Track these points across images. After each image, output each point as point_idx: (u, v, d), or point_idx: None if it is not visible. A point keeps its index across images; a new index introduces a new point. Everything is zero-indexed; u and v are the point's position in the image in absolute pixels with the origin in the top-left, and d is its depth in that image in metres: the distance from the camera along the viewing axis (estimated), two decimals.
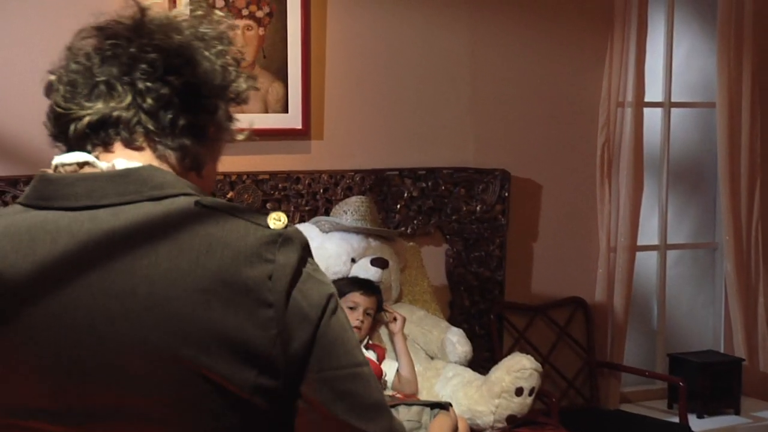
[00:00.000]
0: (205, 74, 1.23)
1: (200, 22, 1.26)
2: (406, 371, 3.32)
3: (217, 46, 1.25)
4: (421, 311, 3.62)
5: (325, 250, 3.40)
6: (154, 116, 1.20)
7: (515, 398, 3.19)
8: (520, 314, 4.33)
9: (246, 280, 1.11)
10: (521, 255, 4.34)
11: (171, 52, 1.21)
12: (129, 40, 1.22)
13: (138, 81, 1.19)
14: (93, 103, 1.20)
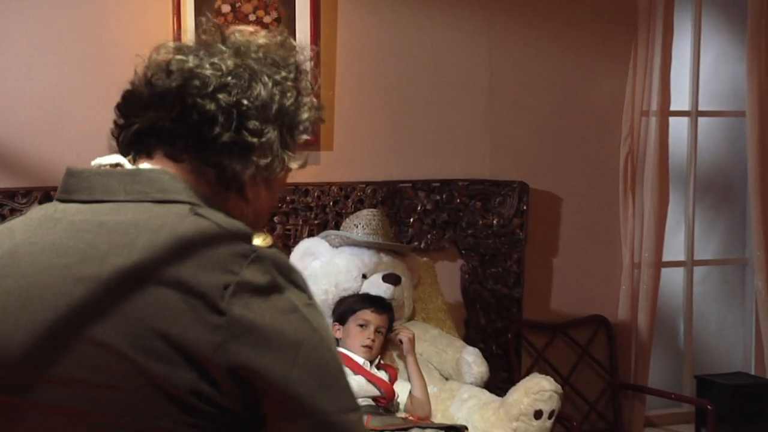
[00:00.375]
0: (258, 98, 1.33)
1: (273, 47, 1.38)
2: (419, 393, 3.33)
3: (281, 73, 1.36)
4: (435, 330, 3.63)
5: (335, 266, 3.42)
6: (196, 131, 1.31)
7: (534, 422, 3.20)
8: (539, 333, 4.33)
9: (200, 285, 1.18)
10: (540, 271, 4.35)
11: (228, 72, 1.32)
12: (196, 56, 1.34)
13: (188, 96, 1.31)
14: (145, 112, 1.33)
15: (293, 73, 1.38)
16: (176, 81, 1.32)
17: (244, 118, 1.32)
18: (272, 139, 1.34)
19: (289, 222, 3.77)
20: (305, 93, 1.39)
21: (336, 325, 3.35)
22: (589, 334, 4.44)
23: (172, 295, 1.18)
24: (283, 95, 1.35)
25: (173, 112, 1.31)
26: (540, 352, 4.31)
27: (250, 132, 1.32)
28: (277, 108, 1.34)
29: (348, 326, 3.31)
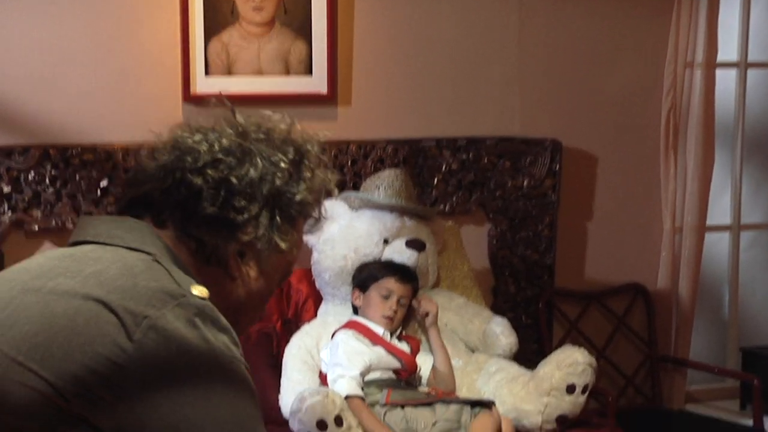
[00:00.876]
0: (247, 176, 1.46)
1: (278, 130, 1.53)
2: (442, 366, 3.34)
3: (277, 154, 1.49)
4: (460, 298, 3.64)
5: (354, 230, 3.43)
6: (182, 203, 1.45)
7: (566, 397, 3.21)
8: (572, 302, 4.33)
9: (122, 308, 1.31)
10: (574, 236, 4.34)
11: (222, 149, 1.48)
12: (200, 133, 1.50)
13: (179, 169, 1.46)
14: (143, 185, 1.50)
15: (292, 155, 1.51)
16: (173, 156, 1.48)
17: (231, 194, 1.45)
18: (259, 218, 1.45)
19: None
20: (303, 176, 1.51)
21: (356, 291, 3.36)
22: (626, 304, 4.44)
23: (94, 307, 1.31)
24: (275, 176, 1.47)
25: (164, 184, 1.46)
26: (573, 322, 4.32)
27: (236, 209, 1.44)
28: (268, 188, 1.47)
29: (369, 294, 3.32)
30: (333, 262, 3.42)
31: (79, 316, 1.30)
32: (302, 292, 3.66)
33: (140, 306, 1.31)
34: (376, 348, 3.21)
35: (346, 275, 3.41)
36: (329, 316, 3.46)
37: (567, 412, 3.24)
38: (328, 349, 3.24)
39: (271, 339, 3.51)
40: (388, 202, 3.45)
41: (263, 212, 1.46)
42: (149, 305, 1.31)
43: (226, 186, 1.45)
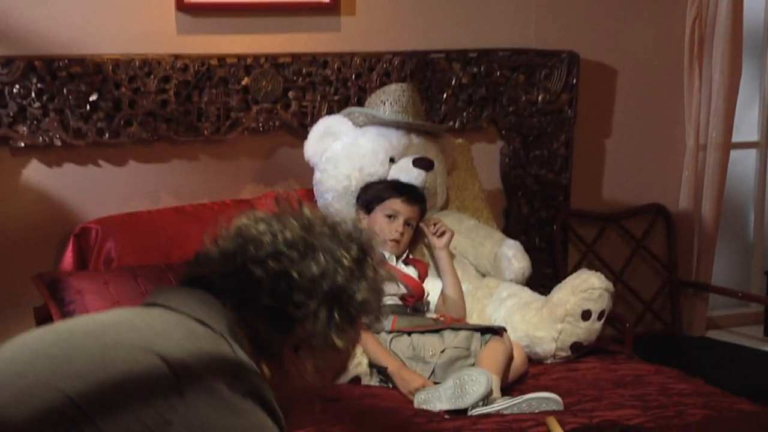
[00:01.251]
0: (308, 271, 1.52)
1: (344, 227, 1.59)
2: (452, 291, 3.36)
3: (341, 251, 1.55)
4: (471, 220, 3.64)
5: (359, 148, 3.42)
6: (241, 292, 1.52)
7: (581, 323, 3.23)
8: (588, 224, 4.34)
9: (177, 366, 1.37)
10: (591, 154, 4.33)
11: (285, 242, 1.54)
12: (265, 223, 1.57)
13: (241, 258, 1.54)
14: (203, 268, 1.57)
15: (355, 252, 1.57)
16: (237, 243, 1.56)
17: (290, 288, 1.51)
18: (317, 315, 1.52)
19: (306, 98, 3.75)
20: (365, 274, 1.57)
21: (360, 213, 3.36)
22: (646, 226, 4.44)
23: (152, 360, 1.36)
24: (337, 273, 1.53)
25: (225, 270, 1.54)
26: (589, 245, 4.33)
27: (294, 304, 1.51)
28: (329, 285, 1.53)
29: (374, 216, 3.32)
30: (336, 182, 3.42)
31: (136, 366, 1.36)
32: None
33: (198, 367, 1.37)
34: None
35: (350, 196, 3.41)
36: None
37: (582, 339, 3.26)
38: None
39: None
40: (395, 118, 3.44)
41: (322, 309, 1.52)
42: (207, 369, 1.37)
43: (286, 279, 1.52)
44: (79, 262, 3.40)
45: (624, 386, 2.99)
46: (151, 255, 3.42)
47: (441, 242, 3.38)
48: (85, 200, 3.55)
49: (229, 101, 3.65)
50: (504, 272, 3.48)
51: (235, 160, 3.74)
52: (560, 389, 2.97)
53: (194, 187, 3.68)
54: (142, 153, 3.61)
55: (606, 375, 3.12)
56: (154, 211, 3.55)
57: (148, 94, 3.53)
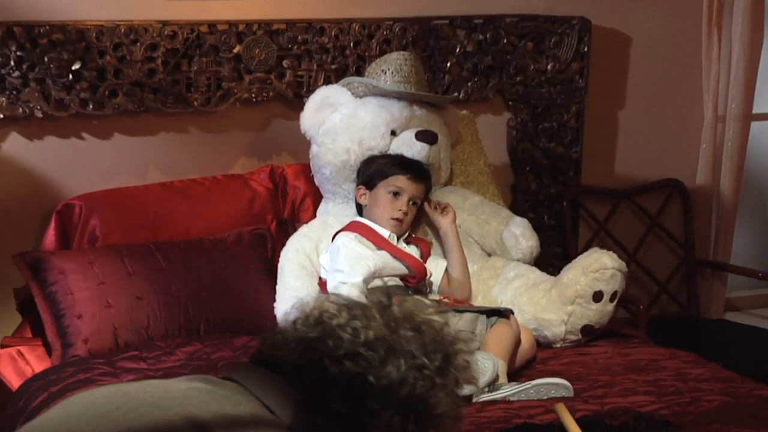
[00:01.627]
0: (387, 377, 1.50)
1: (430, 330, 1.55)
2: (457, 271, 3.36)
3: (423, 359, 1.52)
4: (476, 197, 3.64)
5: (358, 120, 3.41)
6: (312, 387, 1.50)
7: (592, 305, 3.23)
8: (600, 200, 4.34)
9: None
10: (603, 126, 4.33)
11: (366, 342, 1.52)
12: (348, 314, 1.55)
13: (318, 351, 1.52)
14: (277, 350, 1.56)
15: (438, 362, 1.53)
16: (314, 333, 1.54)
17: (365, 394, 1.49)
18: (390, 425, 1.49)
19: (302, 66, 3.74)
20: (447, 386, 1.53)
21: (361, 189, 3.36)
22: (661, 202, 4.44)
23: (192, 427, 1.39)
24: (416, 382, 1.50)
25: (299, 360, 1.52)
26: (601, 223, 4.33)
27: (367, 411, 1.49)
28: (406, 393, 1.50)
29: (377, 192, 3.32)
30: (334, 156, 3.42)
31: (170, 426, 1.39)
32: (300, 189, 3.66)
33: None
34: (381, 252, 3.22)
35: (349, 171, 3.41)
36: (330, 217, 3.47)
37: (593, 322, 3.26)
38: (328, 254, 3.25)
39: (265, 241, 3.53)
40: (396, 88, 3.43)
41: (395, 419, 1.50)
42: None
43: (361, 384, 1.50)
44: (62, 241, 3.40)
45: (637, 371, 3.00)
46: (137, 233, 3.42)
47: (447, 219, 3.38)
48: (68, 175, 3.55)
49: (221, 70, 3.64)
50: (511, 251, 3.48)
51: (227, 132, 3.74)
52: (570, 375, 2.97)
53: (183, 161, 3.68)
54: (128, 125, 3.61)
55: (618, 360, 3.13)
56: (141, 187, 3.55)
57: (134, 62, 3.52)
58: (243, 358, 3.00)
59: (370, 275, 3.15)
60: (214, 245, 3.45)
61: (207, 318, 3.29)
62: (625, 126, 4.38)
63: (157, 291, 3.26)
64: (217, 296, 3.34)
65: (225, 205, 3.58)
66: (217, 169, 3.69)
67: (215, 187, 3.60)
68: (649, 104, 4.38)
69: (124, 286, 3.24)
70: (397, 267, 3.24)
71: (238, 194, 3.60)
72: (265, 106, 3.75)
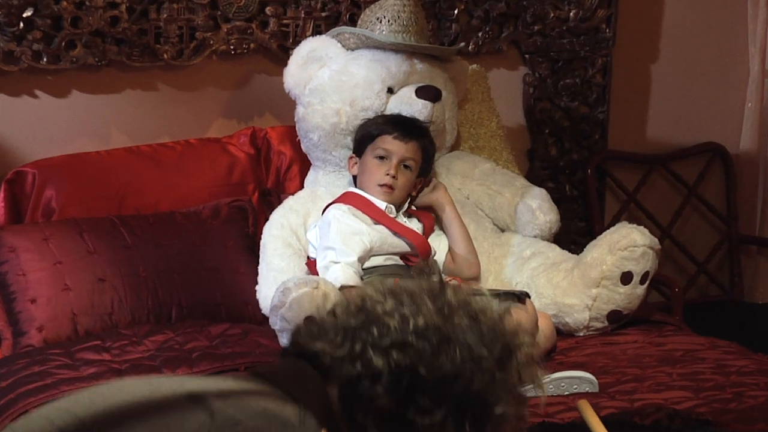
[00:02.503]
0: (440, 370, 1.48)
1: (489, 319, 1.54)
2: (460, 246, 3.35)
3: (482, 349, 1.51)
4: (487, 164, 3.63)
5: (350, 76, 3.40)
6: (354, 381, 1.51)
7: (620, 288, 3.23)
8: (630, 168, 4.33)
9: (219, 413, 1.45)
10: (634, 82, 4.32)
11: (415, 330, 1.50)
12: (394, 301, 1.55)
13: (361, 341, 1.52)
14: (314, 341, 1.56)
15: (498, 351, 1.52)
16: (357, 320, 1.54)
17: (415, 389, 1.48)
18: (444, 426, 1.48)
19: (287, 14, 3.73)
20: (508, 382, 1.52)
21: (353, 157, 3.35)
22: (700, 169, 4.44)
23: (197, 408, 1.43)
24: (474, 375, 1.49)
25: (339, 351, 1.52)
26: (631, 193, 4.32)
27: (417, 409, 1.48)
28: (461, 389, 1.49)
29: (365, 159, 3.31)
30: (323, 119, 3.41)
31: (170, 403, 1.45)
32: (285, 155, 3.65)
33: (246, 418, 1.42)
34: (378, 227, 3.22)
35: (340, 135, 3.39)
36: (319, 187, 3.46)
37: (621, 307, 3.26)
38: (317, 229, 3.25)
39: (246, 215, 3.53)
40: (393, 39, 3.42)
41: (449, 419, 1.49)
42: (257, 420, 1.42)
43: (411, 377, 1.49)
44: (13, 215, 3.40)
45: (672, 363, 3.00)
46: (99, 205, 3.42)
47: (437, 192, 3.38)
48: (20, 139, 3.54)
49: (194, 18, 3.63)
50: (527, 226, 3.47)
51: (202, 90, 3.73)
52: (594, 367, 2.97)
53: (152, 122, 3.67)
54: (89, 81, 3.60)
55: (650, 350, 3.13)
56: (103, 152, 3.55)
57: (94, 9, 3.50)
58: (221, 348, 3.01)
59: (365, 253, 3.14)
60: (188, 219, 3.45)
61: (179, 302, 3.29)
62: (658, 82, 4.37)
63: (122, 272, 3.26)
64: (191, 278, 3.34)
65: (200, 173, 3.57)
66: (190, 132, 3.69)
67: (188, 152, 3.59)
68: (686, 57, 4.37)
69: (84, 265, 3.23)
70: (397, 244, 3.23)
71: (215, 161, 3.59)
72: (245, 59, 3.74)
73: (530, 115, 4.15)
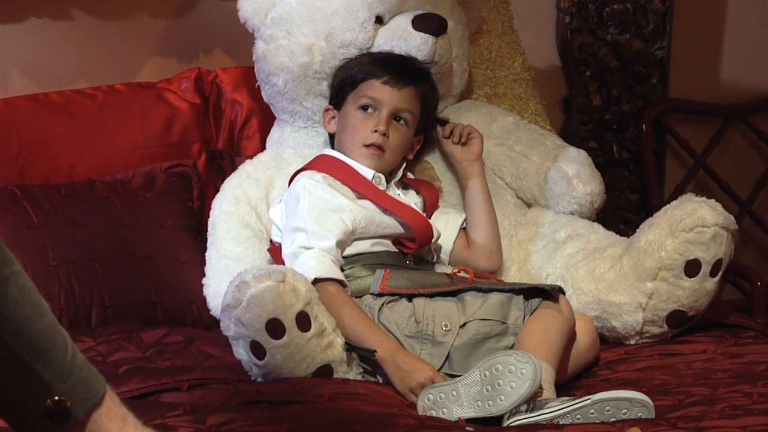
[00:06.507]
0: None
1: None
2: (484, 233, 3.37)
3: None
4: (508, 117, 3.64)
5: (326, 2, 3.40)
6: None
7: (685, 280, 3.23)
8: (698, 122, 4.35)
9: None
10: (702, 10, 4.32)
11: None
12: None
13: None
14: None
15: None
16: None
17: None
18: None
19: None
20: None
21: (329, 109, 3.35)
22: None
23: None
24: None
25: None
26: (699, 156, 4.33)
27: None
28: None
29: (345, 111, 3.31)
30: (289, 58, 3.41)
31: None
32: (241, 106, 3.66)
33: None
34: (363, 202, 3.22)
35: (313, 80, 3.40)
36: (286, 149, 3.48)
37: (685, 307, 3.26)
38: (283, 204, 3.25)
39: (190, 184, 3.54)
40: None
41: None
42: None
43: None
44: None
45: (752, 381, 3.00)
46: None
47: (470, 153, 3.38)
48: None
49: None
50: (561, 200, 3.48)
51: (130, 18, 3.74)
52: (650, 386, 2.98)
53: (64, 62, 3.68)
54: None
55: (724, 363, 3.14)
56: (0, 101, 3.55)
57: None
58: (157, 361, 3.02)
59: (346, 236, 3.15)
60: (112, 190, 3.46)
61: (102, 301, 3.31)
62: (733, 12, 4.38)
63: (26, 260, 3.26)
64: (117, 268, 3.36)
65: (128, 128, 3.59)
66: (115, 74, 3.70)
67: (113, 101, 3.60)
68: None
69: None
70: (388, 223, 3.24)
71: (148, 112, 3.61)
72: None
73: (566, 52, 4.16)
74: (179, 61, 3.77)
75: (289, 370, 2.89)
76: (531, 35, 3.97)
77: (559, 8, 4.12)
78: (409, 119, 3.32)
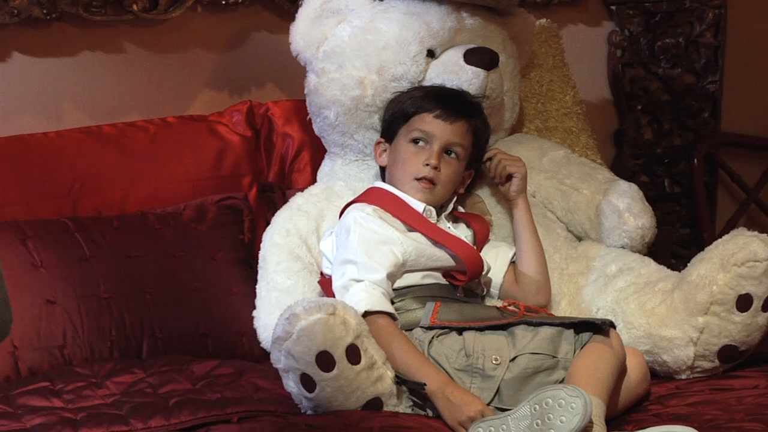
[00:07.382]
0: None
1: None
2: (530, 265, 3.36)
3: None
4: (559, 150, 3.64)
5: (378, 35, 3.41)
6: None
7: (736, 315, 3.22)
8: (749, 156, 4.33)
9: None
10: (752, 49, 4.32)
11: None
12: None
13: None
14: None
15: None
16: None
17: None
18: None
19: None
20: None
21: (381, 143, 3.36)
22: None
23: None
24: None
25: None
26: (751, 190, 4.32)
27: None
28: None
29: (396, 145, 3.32)
30: (341, 91, 3.42)
31: None
32: (292, 139, 3.67)
33: None
34: (414, 234, 3.23)
35: (364, 113, 3.41)
36: (336, 182, 3.49)
37: (737, 342, 3.25)
38: (334, 236, 3.26)
39: (241, 217, 3.55)
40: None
41: None
42: None
43: None
44: None
45: None
46: (48, 204, 3.44)
47: (510, 189, 3.38)
48: None
49: None
50: (612, 233, 3.48)
51: (183, 52, 3.76)
52: (701, 420, 2.97)
53: (117, 95, 3.69)
54: (34, 40, 3.62)
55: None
56: (52, 134, 3.57)
57: None
58: (207, 393, 3.02)
59: (396, 268, 3.15)
60: (164, 222, 3.47)
61: (153, 333, 3.32)
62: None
63: (78, 292, 3.27)
64: (168, 300, 3.36)
65: (179, 161, 3.60)
66: (167, 107, 3.71)
67: (164, 134, 3.61)
68: None
69: (28, 283, 3.25)
70: (438, 256, 3.24)
71: (200, 145, 3.62)
72: (240, 11, 3.76)
73: (617, 86, 4.15)
74: (231, 95, 3.78)
75: (338, 403, 2.90)
76: (582, 69, 3.97)
77: (610, 42, 4.13)
78: (460, 153, 3.32)
